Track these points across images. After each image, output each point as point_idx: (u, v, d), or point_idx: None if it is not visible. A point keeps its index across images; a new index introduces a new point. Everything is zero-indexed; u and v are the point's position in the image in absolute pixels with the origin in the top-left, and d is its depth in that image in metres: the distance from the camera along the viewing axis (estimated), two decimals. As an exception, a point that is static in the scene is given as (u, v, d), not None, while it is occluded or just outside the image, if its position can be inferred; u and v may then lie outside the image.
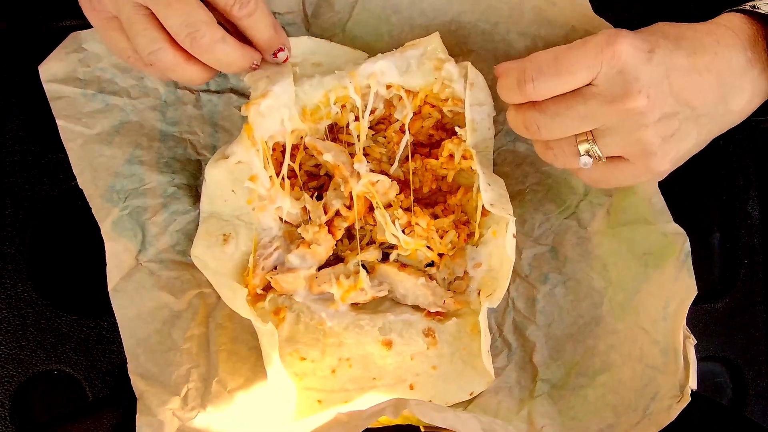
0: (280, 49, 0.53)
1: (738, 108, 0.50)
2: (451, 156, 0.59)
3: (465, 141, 0.57)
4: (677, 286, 0.54)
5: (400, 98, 0.58)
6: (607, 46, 0.46)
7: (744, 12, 0.51)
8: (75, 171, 0.55)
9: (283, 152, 0.57)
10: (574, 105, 0.48)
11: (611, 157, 0.50)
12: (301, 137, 0.58)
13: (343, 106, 0.58)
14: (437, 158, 0.59)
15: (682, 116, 0.48)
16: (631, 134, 0.47)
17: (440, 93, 0.57)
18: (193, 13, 0.47)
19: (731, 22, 0.50)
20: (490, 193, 0.55)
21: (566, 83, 0.48)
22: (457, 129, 0.58)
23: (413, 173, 0.60)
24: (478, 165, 0.55)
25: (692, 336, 0.53)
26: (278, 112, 0.55)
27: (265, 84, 0.54)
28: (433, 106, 0.59)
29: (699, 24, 0.51)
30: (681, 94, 0.48)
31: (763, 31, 0.49)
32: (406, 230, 0.59)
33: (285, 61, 0.54)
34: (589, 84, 0.48)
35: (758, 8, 0.50)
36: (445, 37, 0.58)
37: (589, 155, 0.49)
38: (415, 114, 0.59)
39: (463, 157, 0.58)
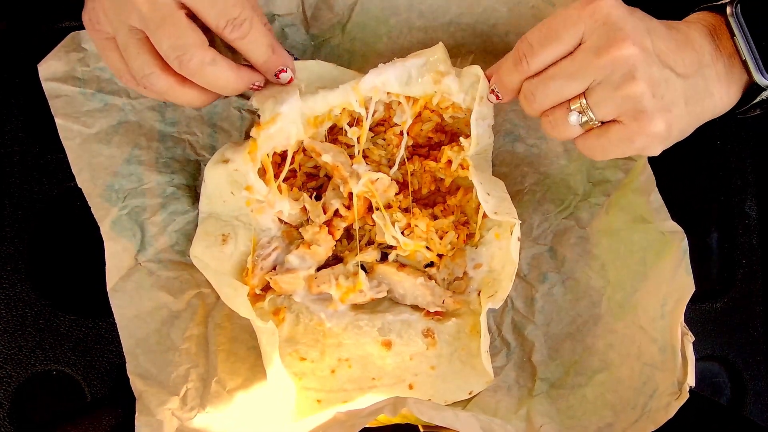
0: (282, 71, 0.53)
1: (717, 93, 0.51)
2: (449, 162, 0.59)
3: (464, 149, 0.57)
4: (675, 283, 0.54)
5: (400, 103, 0.58)
6: (588, 4, 0.48)
7: (707, 9, 0.53)
8: (74, 170, 0.56)
9: (282, 156, 0.57)
10: (563, 65, 0.49)
11: (605, 123, 0.50)
12: (301, 140, 0.59)
13: (343, 109, 0.58)
14: (436, 160, 0.59)
15: (668, 78, 0.49)
16: (621, 88, 0.48)
17: (440, 103, 0.57)
18: (183, 35, 0.47)
19: (695, 17, 0.53)
20: (491, 202, 0.55)
21: (556, 49, 0.49)
22: (461, 140, 0.57)
23: (412, 175, 0.61)
24: (475, 176, 0.55)
25: (690, 333, 0.53)
26: (286, 130, 0.55)
27: (273, 105, 0.54)
28: (432, 111, 0.59)
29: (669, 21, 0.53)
30: (663, 56, 0.49)
31: (724, 19, 0.51)
32: (405, 232, 0.59)
33: (289, 82, 0.54)
34: (579, 45, 0.49)
35: (717, 2, 0.52)
36: (443, 38, 0.58)
37: (581, 115, 0.49)
38: (414, 118, 0.59)
39: (461, 167, 0.58)
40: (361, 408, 0.50)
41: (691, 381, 0.52)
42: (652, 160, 0.57)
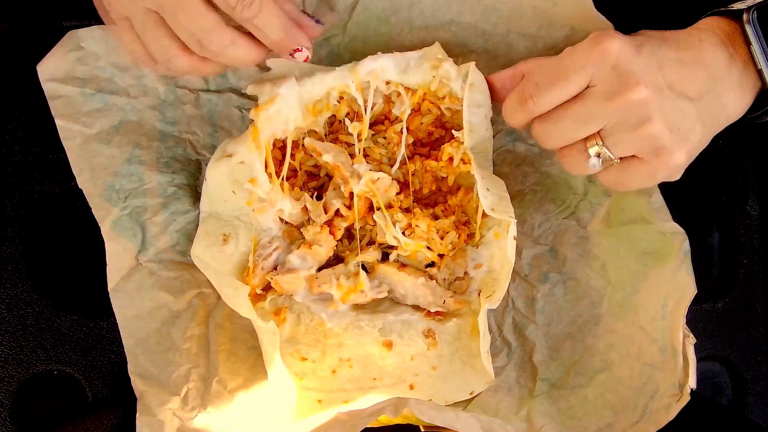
0: (297, 50, 0.52)
1: (731, 103, 0.51)
2: (451, 159, 0.59)
3: (463, 143, 0.57)
4: (676, 284, 0.54)
5: (399, 94, 0.58)
6: (596, 46, 0.47)
7: (720, 14, 0.52)
8: (74, 170, 0.55)
9: (282, 150, 0.57)
10: (574, 107, 0.48)
11: (625, 158, 0.50)
12: (302, 136, 0.59)
13: (342, 98, 0.58)
14: (437, 160, 0.59)
15: (683, 107, 0.49)
16: (637, 129, 0.47)
17: (438, 91, 0.57)
18: (199, 19, 0.47)
19: (709, 24, 0.52)
20: (489, 198, 0.55)
21: (563, 90, 0.48)
22: (454, 132, 0.58)
23: (413, 175, 0.61)
24: (476, 170, 0.55)
25: (692, 335, 0.53)
26: (284, 113, 0.55)
27: (271, 88, 0.54)
28: (432, 103, 0.59)
29: (680, 30, 0.52)
30: (675, 85, 0.48)
31: (739, 26, 0.50)
32: (406, 232, 0.59)
33: (305, 60, 0.53)
34: (588, 88, 0.48)
35: (732, 7, 0.51)
36: (444, 38, 0.58)
37: (599, 157, 0.49)
38: (414, 111, 0.59)
39: (462, 161, 0.58)
40: (362, 408, 0.50)
41: (692, 383, 0.52)
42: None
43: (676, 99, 0.48)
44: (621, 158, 0.50)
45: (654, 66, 0.48)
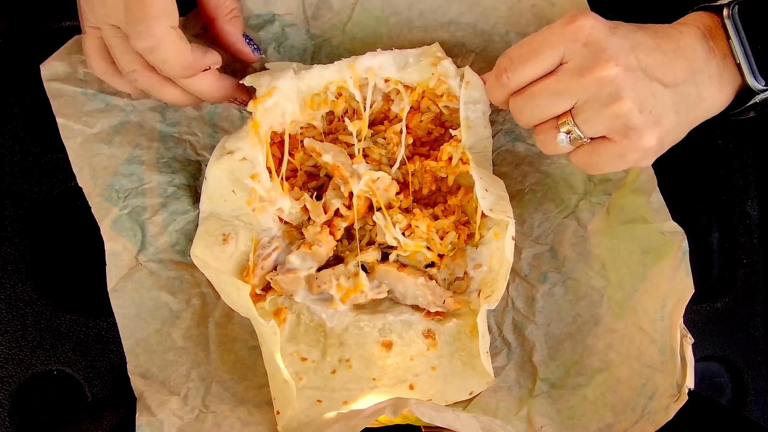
0: (206, 69, 0.52)
1: (709, 96, 0.51)
2: (450, 159, 0.59)
3: (461, 141, 0.57)
4: (675, 284, 0.54)
5: (398, 92, 0.58)
6: (569, 23, 0.48)
7: (704, 9, 0.53)
8: (74, 169, 0.56)
9: (280, 148, 0.57)
10: (546, 82, 0.49)
11: (596, 138, 0.50)
12: (300, 132, 0.59)
13: (340, 94, 0.58)
14: (436, 160, 0.59)
15: (655, 91, 0.49)
16: (607, 107, 0.48)
17: (436, 88, 0.57)
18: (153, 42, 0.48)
19: (692, 18, 0.53)
20: (488, 199, 0.55)
21: (537, 66, 0.49)
22: (452, 131, 0.58)
23: (412, 175, 0.61)
24: (475, 170, 0.55)
25: (689, 335, 0.53)
26: (281, 106, 0.56)
27: (269, 80, 0.55)
28: (431, 101, 0.59)
29: (662, 24, 0.53)
30: (649, 69, 0.49)
31: (720, 21, 0.51)
32: (405, 232, 0.59)
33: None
34: (561, 64, 0.49)
35: (715, 3, 0.52)
36: (443, 38, 0.59)
37: (569, 134, 0.50)
38: (413, 109, 0.59)
39: (462, 161, 0.58)
40: (363, 408, 0.50)
41: (690, 383, 0.52)
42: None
43: (649, 82, 0.49)
44: (592, 139, 0.50)
45: (626, 47, 0.48)
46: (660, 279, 0.55)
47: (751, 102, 0.52)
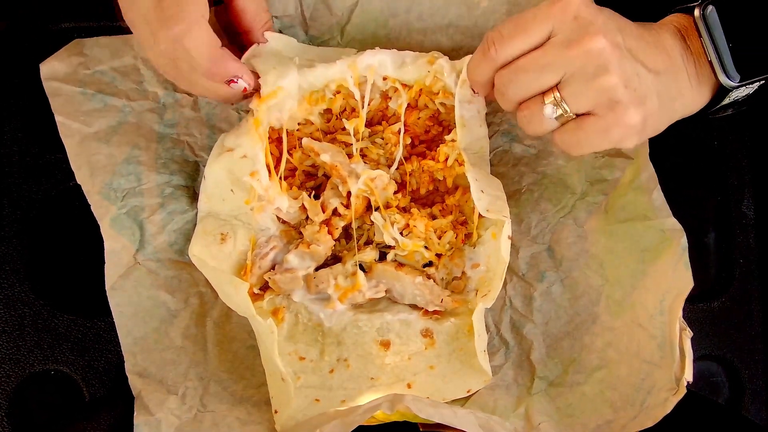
0: (231, 81, 0.52)
1: (687, 92, 0.52)
2: (447, 159, 0.59)
3: (456, 141, 0.57)
4: (673, 279, 0.54)
5: (396, 90, 0.58)
6: (558, 1, 0.48)
7: (679, 11, 0.54)
8: (73, 166, 0.56)
9: (278, 146, 0.58)
10: (533, 54, 0.49)
11: (581, 115, 0.50)
12: (298, 127, 0.59)
13: (338, 92, 0.58)
14: (434, 160, 0.60)
15: (639, 72, 0.49)
16: (594, 80, 0.48)
17: (432, 86, 0.58)
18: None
19: (668, 19, 0.54)
20: (484, 200, 0.55)
21: (525, 40, 0.49)
22: (446, 138, 0.58)
23: (410, 175, 0.61)
24: (470, 171, 0.55)
25: (688, 329, 0.53)
26: (283, 105, 0.56)
27: (275, 78, 0.54)
28: (428, 98, 0.59)
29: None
30: (633, 51, 0.49)
31: (693, 21, 0.52)
32: (403, 232, 0.59)
33: (243, 92, 0.54)
34: (549, 39, 0.49)
35: (691, 4, 0.53)
36: (442, 41, 0.59)
37: (555, 107, 0.50)
38: (411, 107, 0.59)
39: (458, 162, 0.59)
40: (359, 405, 0.50)
41: (688, 376, 0.52)
42: (648, 161, 0.57)
43: (634, 62, 0.49)
44: (577, 116, 0.50)
45: (613, 27, 0.49)
46: (658, 275, 0.55)
47: (726, 101, 0.53)
